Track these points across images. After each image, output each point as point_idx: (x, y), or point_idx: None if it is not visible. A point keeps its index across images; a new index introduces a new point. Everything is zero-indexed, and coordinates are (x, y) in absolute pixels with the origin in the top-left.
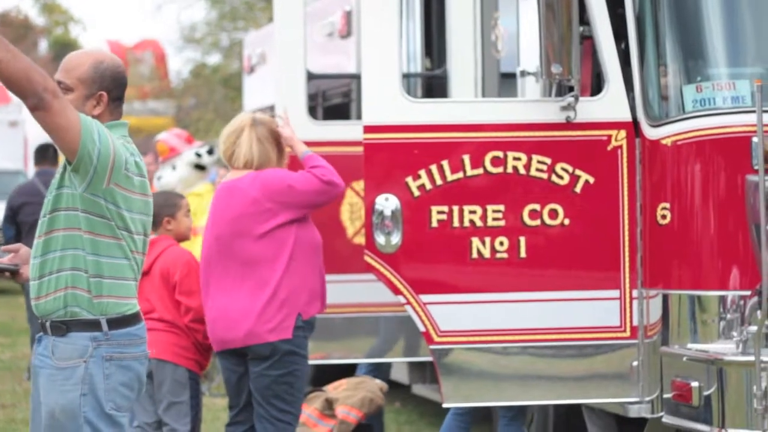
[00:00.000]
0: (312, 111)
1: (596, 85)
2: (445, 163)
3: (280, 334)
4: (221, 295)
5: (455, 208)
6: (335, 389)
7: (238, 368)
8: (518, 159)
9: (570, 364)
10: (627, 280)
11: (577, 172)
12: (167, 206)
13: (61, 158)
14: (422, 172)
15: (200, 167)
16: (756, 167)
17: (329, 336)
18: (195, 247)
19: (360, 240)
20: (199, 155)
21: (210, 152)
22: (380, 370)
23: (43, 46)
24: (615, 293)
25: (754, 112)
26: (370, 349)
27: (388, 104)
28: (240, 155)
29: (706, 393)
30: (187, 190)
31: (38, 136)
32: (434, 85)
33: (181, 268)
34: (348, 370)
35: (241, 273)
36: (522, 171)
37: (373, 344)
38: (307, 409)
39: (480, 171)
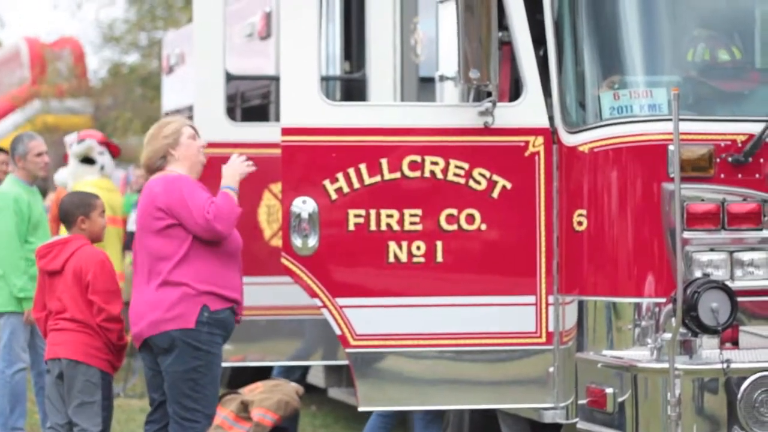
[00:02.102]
0: (230, 112)
1: (514, 91)
2: (362, 167)
3: (181, 324)
4: (136, 290)
5: (372, 212)
6: (251, 392)
7: (153, 365)
8: (436, 164)
9: (485, 369)
10: (543, 286)
11: (495, 177)
12: (82, 206)
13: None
14: (340, 176)
15: (87, 160)
16: (672, 175)
17: (246, 338)
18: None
19: (277, 242)
20: (71, 146)
21: (80, 142)
22: (292, 372)
23: None
24: (531, 299)
25: (670, 120)
26: (287, 352)
27: (306, 107)
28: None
29: (620, 399)
30: (77, 182)
31: None
32: (353, 89)
33: (93, 268)
34: (264, 373)
35: (148, 267)
36: (439, 176)
37: (290, 347)
38: (222, 411)
39: (398, 175)
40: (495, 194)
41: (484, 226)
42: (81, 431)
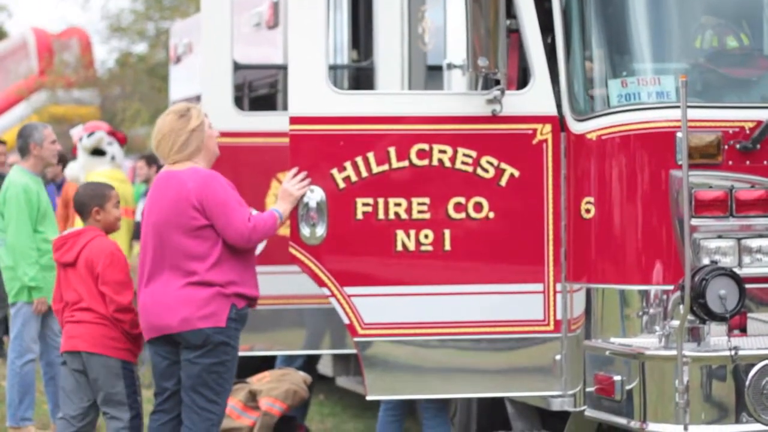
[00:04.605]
0: (238, 101)
1: (522, 79)
2: (370, 155)
3: (214, 323)
4: (156, 283)
5: (380, 201)
6: (259, 381)
7: (169, 356)
8: (444, 152)
9: (493, 357)
10: (551, 274)
11: (503, 165)
12: (96, 196)
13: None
14: (348, 164)
15: (98, 152)
16: (680, 162)
17: (253, 328)
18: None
19: (285, 232)
20: (81, 139)
21: (89, 135)
22: (294, 360)
23: None
24: (539, 287)
25: (678, 107)
26: (294, 341)
27: (314, 95)
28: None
29: (628, 387)
30: (89, 174)
31: None
32: (361, 77)
33: (103, 259)
34: (269, 361)
35: (173, 262)
36: (447, 164)
37: (297, 336)
38: (230, 401)
39: (405, 163)
40: (503, 182)
41: (492, 215)
42: (111, 419)
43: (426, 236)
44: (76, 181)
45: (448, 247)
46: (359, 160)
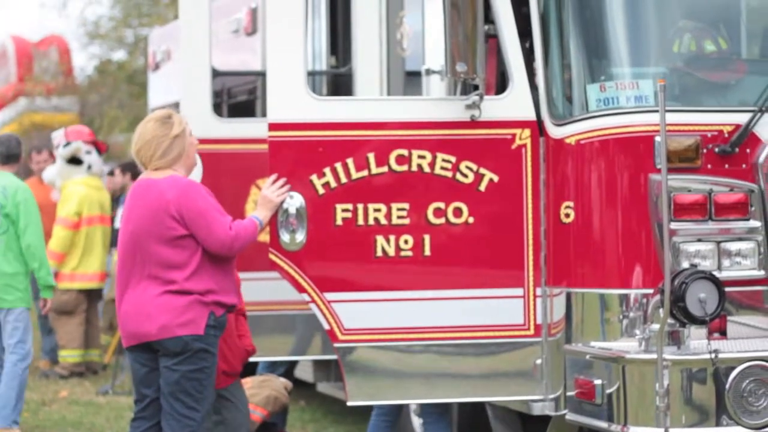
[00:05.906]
0: (217, 108)
1: (501, 84)
2: (350, 161)
3: (192, 330)
4: (135, 290)
5: (360, 206)
6: None
7: (148, 363)
8: (423, 157)
9: (474, 362)
10: (531, 279)
11: (482, 170)
12: None
13: None
14: (327, 170)
15: (74, 160)
16: (659, 166)
17: None
18: (80, 236)
19: (265, 238)
20: (58, 147)
21: (66, 145)
22: (276, 367)
23: None
24: (519, 291)
25: (657, 111)
26: (275, 347)
27: (293, 102)
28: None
29: (608, 391)
30: (65, 181)
31: None
32: (340, 83)
33: None
34: (250, 368)
35: (150, 271)
36: (427, 169)
37: (278, 342)
38: None
39: (385, 169)
40: (482, 187)
41: (471, 220)
42: None
43: (406, 242)
44: (51, 185)
45: (428, 252)
46: (338, 166)
